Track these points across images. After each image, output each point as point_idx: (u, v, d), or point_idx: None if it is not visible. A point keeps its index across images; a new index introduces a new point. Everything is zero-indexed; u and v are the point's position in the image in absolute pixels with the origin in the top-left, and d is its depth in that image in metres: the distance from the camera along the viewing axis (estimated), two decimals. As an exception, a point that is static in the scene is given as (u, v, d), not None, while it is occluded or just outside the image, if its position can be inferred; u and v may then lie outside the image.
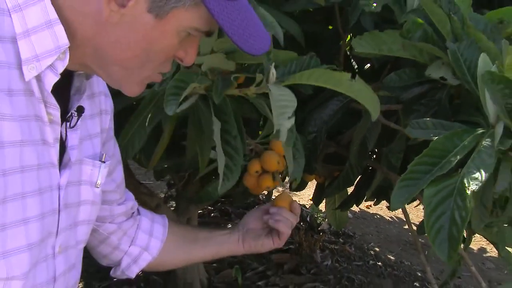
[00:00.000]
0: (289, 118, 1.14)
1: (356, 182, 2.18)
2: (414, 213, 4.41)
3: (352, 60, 2.11)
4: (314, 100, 1.87)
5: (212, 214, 4.08)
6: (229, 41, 1.25)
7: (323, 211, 3.73)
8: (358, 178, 2.17)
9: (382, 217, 4.84)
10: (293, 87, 1.22)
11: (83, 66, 0.93)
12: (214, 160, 1.39)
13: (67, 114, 0.96)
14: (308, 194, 3.66)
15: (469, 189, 1.22)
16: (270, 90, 1.18)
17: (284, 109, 1.15)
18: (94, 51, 0.89)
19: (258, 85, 1.26)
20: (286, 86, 1.21)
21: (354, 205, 2.53)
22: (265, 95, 1.24)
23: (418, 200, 1.73)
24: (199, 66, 1.26)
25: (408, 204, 2.46)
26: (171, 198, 3.44)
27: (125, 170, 1.31)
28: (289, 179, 1.45)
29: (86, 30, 0.86)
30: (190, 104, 1.31)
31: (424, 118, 1.41)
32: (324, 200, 2.70)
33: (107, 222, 1.24)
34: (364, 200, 2.42)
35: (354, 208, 4.66)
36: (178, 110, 1.26)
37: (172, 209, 2.82)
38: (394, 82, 1.56)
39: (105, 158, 1.07)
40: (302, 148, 1.44)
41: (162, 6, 0.84)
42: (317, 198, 2.53)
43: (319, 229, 4.18)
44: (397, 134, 1.76)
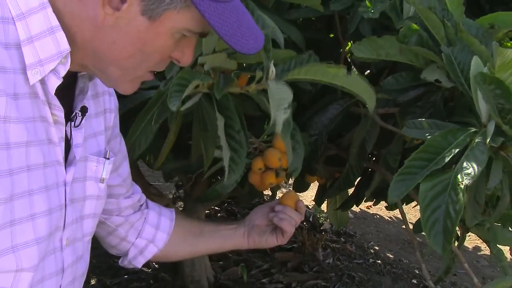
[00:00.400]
0: (285, 109, 1.15)
1: (356, 183, 2.20)
2: (412, 213, 4.41)
3: (352, 66, 2.12)
4: (315, 104, 1.90)
5: (218, 215, 4.08)
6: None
7: (325, 212, 3.77)
8: (358, 179, 2.18)
9: (381, 217, 4.83)
10: (293, 86, 1.21)
11: (83, 67, 0.95)
12: (219, 159, 1.41)
13: (72, 114, 0.99)
14: (310, 195, 3.69)
15: (462, 183, 1.24)
16: (269, 85, 1.20)
17: (280, 101, 1.17)
18: (93, 53, 0.91)
19: (259, 82, 1.28)
20: (286, 83, 1.22)
21: (355, 205, 2.54)
22: (265, 92, 1.26)
23: (415, 201, 1.75)
24: (202, 65, 1.27)
25: (406, 204, 2.52)
26: (179, 199, 3.43)
27: (135, 171, 1.31)
28: (289, 170, 1.47)
29: (84, 34, 0.88)
30: (194, 102, 1.33)
31: (420, 119, 1.44)
32: (325, 200, 2.71)
33: (114, 215, 1.27)
34: (364, 200, 2.44)
35: (355, 208, 4.64)
36: (182, 108, 1.28)
37: (180, 209, 2.85)
38: (392, 85, 1.58)
39: (109, 155, 1.10)
40: (302, 140, 1.45)
41: (155, 8, 0.86)
42: (319, 199, 2.54)
43: (321, 228, 4.19)
44: (395, 137, 1.78)
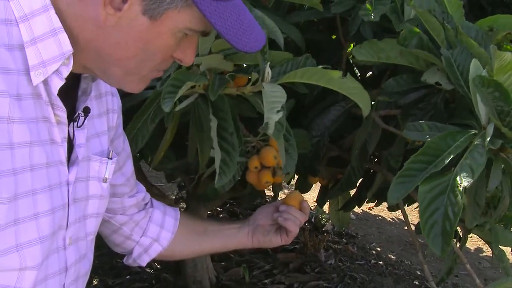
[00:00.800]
0: (277, 112, 1.16)
1: (358, 184, 2.20)
2: (414, 214, 4.37)
3: (354, 67, 2.13)
4: (317, 106, 1.91)
5: (221, 215, 4.08)
6: (227, 42, 1.31)
7: (327, 213, 3.77)
8: (360, 181, 2.20)
9: (383, 218, 4.83)
10: (293, 91, 1.23)
11: (86, 68, 0.95)
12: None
13: (74, 114, 0.99)
14: (312, 196, 3.69)
15: (461, 186, 1.25)
16: (264, 88, 1.21)
17: (274, 104, 1.17)
18: (95, 54, 0.91)
19: (254, 83, 1.29)
20: (281, 85, 1.24)
21: (357, 206, 2.55)
22: (260, 93, 1.26)
23: (417, 202, 1.77)
24: (198, 66, 1.28)
25: (408, 206, 2.53)
26: (182, 200, 3.44)
27: (137, 172, 1.33)
28: (282, 172, 1.47)
29: (87, 34, 0.89)
30: (188, 102, 1.34)
31: (420, 121, 1.44)
32: (327, 201, 2.71)
33: (119, 214, 1.28)
34: (365, 201, 2.44)
35: (357, 209, 4.65)
36: (177, 108, 1.29)
37: (182, 210, 2.85)
38: (393, 88, 1.60)
39: (112, 155, 1.10)
40: (296, 143, 1.45)
41: (156, 8, 0.86)
42: (321, 200, 2.54)
43: (323, 229, 4.18)
44: (396, 138, 1.79)
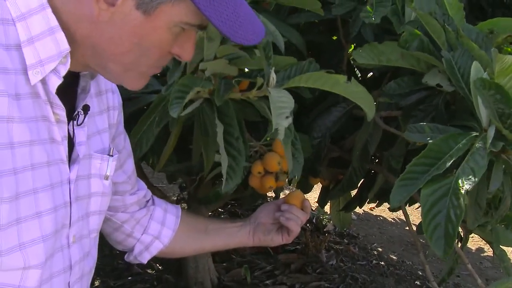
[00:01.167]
0: (286, 118, 1.16)
1: (359, 185, 2.20)
2: (416, 214, 4.40)
3: (355, 69, 2.13)
4: (318, 107, 1.91)
5: (222, 216, 4.07)
6: (232, 47, 1.29)
7: (328, 213, 3.77)
8: (361, 181, 2.19)
9: (385, 218, 4.83)
10: (294, 93, 1.23)
11: (85, 66, 0.95)
12: (220, 163, 1.41)
13: (74, 112, 0.99)
14: (314, 196, 3.69)
15: (463, 188, 1.26)
16: (270, 93, 1.21)
17: (282, 109, 1.17)
18: (92, 50, 0.91)
19: (259, 88, 1.29)
20: (286, 89, 1.24)
21: (358, 207, 2.56)
22: (265, 98, 1.26)
23: (419, 203, 1.77)
24: (203, 71, 1.28)
25: (409, 206, 2.53)
26: (183, 201, 3.44)
27: (138, 173, 1.34)
28: (289, 176, 1.47)
29: (83, 31, 0.88)
30: (194, 107, 1.34)
31: (421, 123, 1.45)
32: (329, 202, 2.73)
33: (120, 211, 1.28)
34: (367, 202, 2.44)
35: (358, 210, 4.65)
36: (183, 114, 1.28)
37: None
38: (394, 90, 1.60)
39: (113, 152, 1.10)
40: (302, 148, 1.45)
41: (149, 2, 0.86)
42: (322, 201, 2.55)
43: (325, 230, 4.18)
44: (397, 139, 1.79)
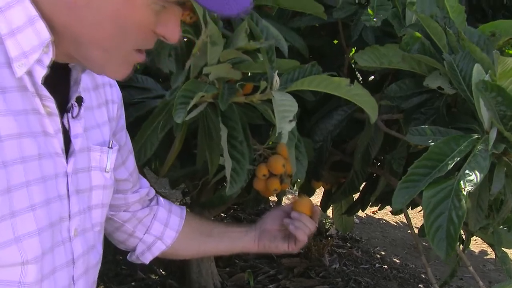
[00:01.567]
0: (290, 121, 1.16)
1: (361, 188, 2.22)
2: (418, 217, 4.37)
3: (356, 72, 2.14)
4: (319, 111, 1.91)
5: (225, 221, 4.06)
6: (235, 52, 1.30)
7: (331, 217, 3.78)
8: (363, 185, 2.21)
9: (387, 222, 4.83)
10: (297, 96, 1.24)
11: (71, 57, 0.93)
12: (224, 166, 1.41)
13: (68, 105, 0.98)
14: (316, 200, 3.70)
15: (465, 190, 1.26)
16: (273, 96, 1.22)
17: (285, 113, 1.18)
18: (73, 38, 0.88)
19: (263, 92, 1.30)
20: (289, 93, 1.24)
21: (360, 210, 2.57)
22: (269, 101, 1.27)
23: (420, 205, 1.78)
24: (207, 76, 1.29)
25: (411, 209, 2.54)
26: (186, 206, 3.44)
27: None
28: (292, 179, 1.48)
29: (62, 19, 0.86)
30: (198, 112, 1.34)
31: (423, 126, 1.46)
32: (331, 206, 2.74)
33: (122, 210, 1.27)
34: (369, 205, 2.46)
35: (361, 213, 4.64)
36: (187, 118, 1.28)
37: (187, 213, 2.86)
38: (395, 93, 1.60)
39: (112, 144, 1.09)
40: (305, 151, 1.46)
41: None
42: (324, 204, 2.57)
43: (327, 234, 4.19)
44: (399, 142, 1.80)
